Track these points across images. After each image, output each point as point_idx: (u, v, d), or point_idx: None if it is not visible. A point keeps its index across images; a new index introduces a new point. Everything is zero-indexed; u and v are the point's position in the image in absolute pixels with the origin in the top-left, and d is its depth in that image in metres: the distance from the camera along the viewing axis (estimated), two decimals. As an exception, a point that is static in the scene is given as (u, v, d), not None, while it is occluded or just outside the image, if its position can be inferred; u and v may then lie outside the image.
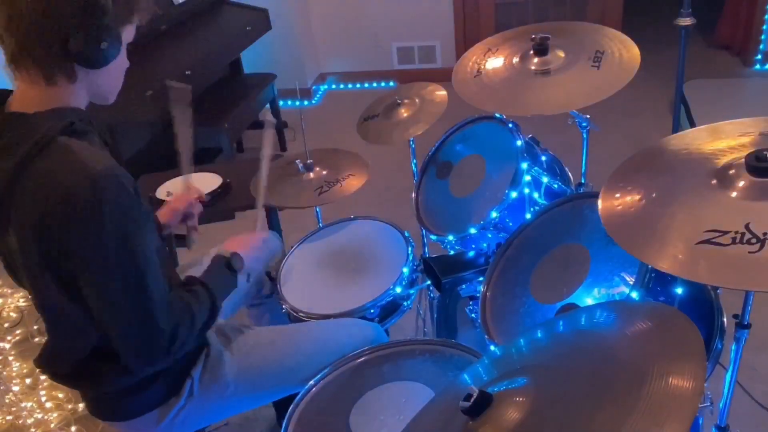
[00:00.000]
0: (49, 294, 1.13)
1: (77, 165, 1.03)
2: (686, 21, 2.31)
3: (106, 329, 1.14)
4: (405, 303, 1.70)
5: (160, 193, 2.16)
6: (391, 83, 4.54)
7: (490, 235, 1.66)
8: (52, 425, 2.14)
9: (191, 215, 1.58)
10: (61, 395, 2.23)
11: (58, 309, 1.17)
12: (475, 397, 0.80)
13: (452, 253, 1.82)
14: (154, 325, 1.11)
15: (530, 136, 1.76)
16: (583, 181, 1.81)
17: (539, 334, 1.01)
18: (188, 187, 1.60)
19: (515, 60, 1.58)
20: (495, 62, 1.61)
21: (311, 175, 1.87)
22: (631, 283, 1.21)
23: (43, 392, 2.26)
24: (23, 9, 1.01)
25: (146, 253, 1.09)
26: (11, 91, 1.13)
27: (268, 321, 1.81)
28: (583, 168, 1.81)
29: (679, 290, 1.25)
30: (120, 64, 1.16)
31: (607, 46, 1.51)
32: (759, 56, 4.05)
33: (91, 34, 1.04)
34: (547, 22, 1.71)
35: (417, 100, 1.93)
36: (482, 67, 1.62)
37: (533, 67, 1.54)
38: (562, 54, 1.53)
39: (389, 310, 1.67)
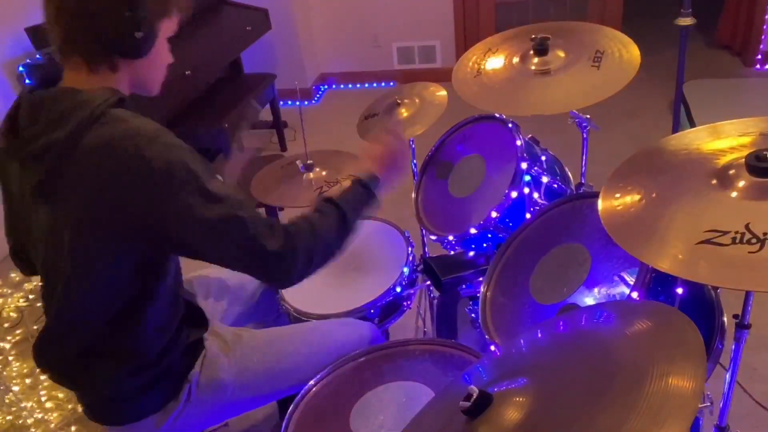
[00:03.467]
0: (92, 261, 1.13)
1: (136, 131, 1.07)
2: (686, 21, 2.31)
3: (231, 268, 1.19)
4: (405, 303, 1.70)
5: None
6: (391, 83, 4.54)
7: (490, 235, 1.65)
8: (52, 425, 2.14)
9: None
10: (61, 395, 2.23)
11: (92, 276, 1.15)
12: (475, 397, 0.80)
13: (452, 253, 1.82)
14: (264, 252, 1.13)
15: (530, 136, 1.76)
16: (583, 181, 1.81)
17: (539, 334, 1.01)
18: None
19: (515, 60, 1.58)
20: (495, 62, 1.61)
21: (311, 175, 1.87)
22: (631, 283, 1.21)
23: (43, 392, 2.26)
24: (66, 3, 1.08)
25: (225, 191, 1.11)
26: (60, 79, 1.17)
27: None
28: (583, 168, 1.81)
29: (679, 290, 1.25)
30: (160, 55, 1.19)
31: (607, 46, 1.51)
32: (759, 56, 4.05)
33: (126, 24, 1.08)
34: (547, 22, 1.71)
35: (417, 100, 1.93)
36: (482, 67, 1.62)
37: (533, 67, 1.54)
38: (562, 54, 1.53)
39: (389, 310, 1.67)
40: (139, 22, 1.09)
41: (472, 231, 1.62)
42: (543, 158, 1.73)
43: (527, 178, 1.59)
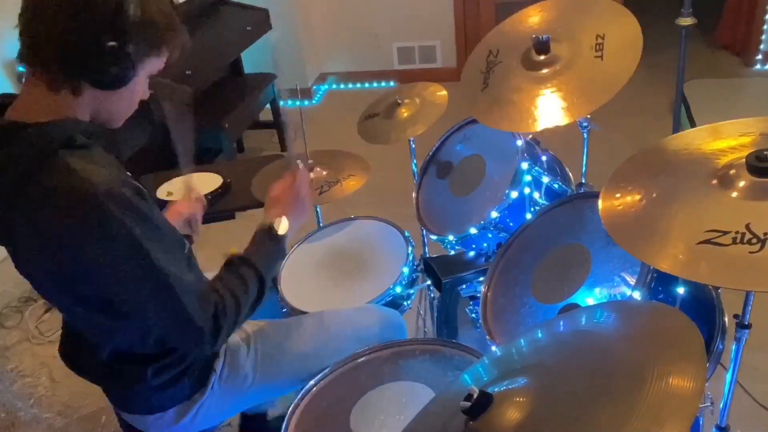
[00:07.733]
0: (64, 305, 1.16)
1: (79, 183, 0.99)
2: (687, 21, 2.31)
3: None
4: (405, 303, 1.70)
5: (161, 193, 2.16)
6: (392, 83, 4.53)
7: (490, 235, 1.65)
8: (52, 425, 2.14)
9: (194, 218, 1.56)
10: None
11: (73, 318, 1.20)
12: (475, 397, 0.80)
13: (452, 253, 1.82)
14: (190, 325, 1.11)
15: (531, 136, 1.76)
16: (583, 181, 1.81)
17: (540, 334, 1.01)
18: (189, 189, 1.59)
19: (519, 65, 1.54)
20: (499, 71, 1.57)
21: (311, 175, 1.87)
22: (632, 283, 1.21)
23: (43, 392, 2.26)
24: (43, 11, 0.98)
25: (163, 258, 1.06)
26: (13, 97, 1.07)
27: None
28: (584, 168, 1.81)
29: (680, 290, 1.25)
30: (134, 91, 1.10)
31: (605, 27, 1.47)
32: (759, 56, 4.05)
33: (103, 55, 0.99)
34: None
35: (417, 100, 1.93)
36: (488, 78, 1.58)
37: (542, 71, 1.49)
38: (564, 49, 1.48)
39: (389, 310, 1.67)
40: (120, 57, 1.00)
41: (472, 231, 1.62)
42: (543, 158, 1.73)
43: (528, 178, 1.59)
